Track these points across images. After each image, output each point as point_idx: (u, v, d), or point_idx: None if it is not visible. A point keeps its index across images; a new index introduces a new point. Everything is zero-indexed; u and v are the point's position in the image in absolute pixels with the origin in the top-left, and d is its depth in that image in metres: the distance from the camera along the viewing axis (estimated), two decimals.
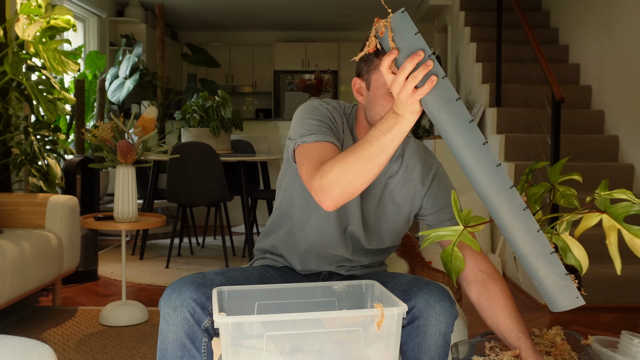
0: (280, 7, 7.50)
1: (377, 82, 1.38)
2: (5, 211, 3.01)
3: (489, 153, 1.05)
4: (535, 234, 1.04)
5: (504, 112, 4.53)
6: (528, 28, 3.86)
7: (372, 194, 1.53)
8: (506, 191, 1.04)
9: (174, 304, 1.27)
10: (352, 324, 1.16)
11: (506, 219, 1.05)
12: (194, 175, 4.01)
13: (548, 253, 1.05)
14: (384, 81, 1.35)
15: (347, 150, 1.19)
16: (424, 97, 1.05)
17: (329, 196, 1.20)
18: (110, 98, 5.80)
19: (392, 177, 1.54)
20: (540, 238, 1.05)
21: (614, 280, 3.26)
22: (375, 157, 1.15)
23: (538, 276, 1.07)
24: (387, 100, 1.38)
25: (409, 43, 1.03)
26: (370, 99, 1.41)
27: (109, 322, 2.83)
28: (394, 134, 1.13)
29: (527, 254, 1.06)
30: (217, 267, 4.09)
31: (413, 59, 1.03)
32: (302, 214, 1.53)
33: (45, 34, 3.29)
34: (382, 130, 1.14)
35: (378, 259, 1.63)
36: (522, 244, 1.06)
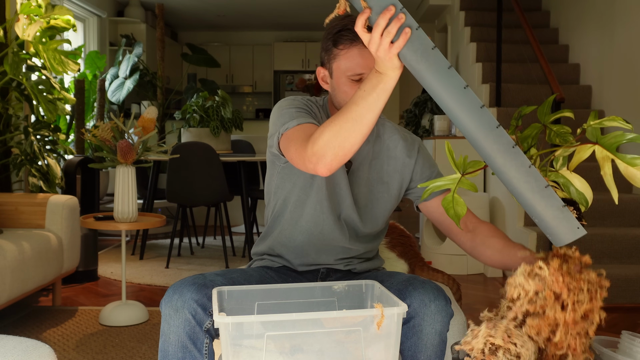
0: (280, 7, 7.50)
1: (337, 70, 1.44)
2: (5, 211, 3.01)
3: (472, 96, 1.04)
4: (527, 169, 1.03)
5: (504, 112, 4.53)
6: (528, 28, 3.86)
7: (359, 177, 1.56)
8: (493, 131, 1.04)
9: (175, 305, 1.28)
10: (352, 324, 1.16)
11: (497, 159, 1.04)
12: (194, 175, 4.01)
13: (542, 187, 1.03)
14: (345, 69, 1.42)
15: (335, 115, 1.21)
16: (401, 51, 1.07)
17: (322, 161, 1.21)
18: (110, 98, 5.80)
19: (375, 158, 1.58)
20: (532, 173, 1.04)
21: (614, 280, 3.26)
22: (362, 117, 1.16)
23: (537, 212, 1.05)
24: (349, 86, 1.43)
25: (380, 0, 1.04)
26: (334, 86, 1.48)
27: (109, 322, 2.83)
28: (379, 93, 1.14)
29: (523, 191, 1.05)
30: (217, 267, 4.10)
31: (385, 15, 1.04)
32: (295, 208, 1.55)
33: (45, 34, 3.29)
34: (367, 90, 1.15)
35: (373, 245, 1.65)
36: (516, 182, 1.05)
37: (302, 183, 1.54)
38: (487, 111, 1.04)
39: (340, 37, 1.42)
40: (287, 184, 1.55)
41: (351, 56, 1.41)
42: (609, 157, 1.06)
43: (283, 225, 1.58)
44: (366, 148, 1.57)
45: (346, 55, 1.42)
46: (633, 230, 3.58)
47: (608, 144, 1.06)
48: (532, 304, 1.04)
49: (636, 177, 1.04)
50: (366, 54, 1.40)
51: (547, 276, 1.04)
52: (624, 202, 3.74)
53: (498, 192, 4.27)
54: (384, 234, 1.67)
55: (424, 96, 5.30)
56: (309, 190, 1.53)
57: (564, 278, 1.03)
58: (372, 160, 1.57)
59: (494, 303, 3.55)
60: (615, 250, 3.48)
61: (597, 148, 1.07)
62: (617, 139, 1.05)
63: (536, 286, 1.04)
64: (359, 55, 1.41)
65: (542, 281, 1.05)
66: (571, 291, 1.03)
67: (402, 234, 2.45)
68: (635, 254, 3.47)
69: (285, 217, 1.57)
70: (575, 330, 1.03)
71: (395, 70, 1.11)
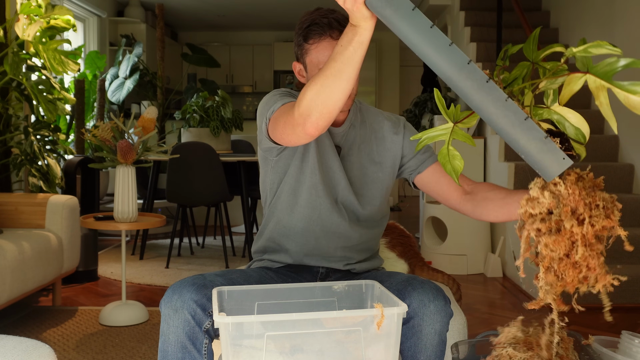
0: (280, 7, 7.50)
1: (310, 64, 1.49)
2: (5, 211, 3.01)
3: (439, 34, 1.04)
4: (504, 103, 1.00)
5: None
6: (528, 28, 3.86)
7: (351, 162, 1.59)
8: (465, 67, 1.02)
9: (174, 306, 1.28)
10: (352, 324, 1.16)
11: (474, 96, 1.02)
12: (194, 175, 4.01)
13: (522, 120, 1.00)
14: (316, 62, 1.45)
15: (316, 74, 1.21)
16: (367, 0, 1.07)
17: (309, 120, 1.21)
18: (110, 98, 5.80)
19: (363, 142, 1.61)
20: (510, 106, 1.00)
21: None
22: (342, 72, 1.16)
23: (520, 146, 1.02)
24: None
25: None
26: (309, 79, 1.49)
27: (109, 322, 2.83)
28: (355, 45, 1.14)
29: (503, 126, 1.02)
30: (217, 267, 4.10)
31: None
32: (289, 196, 1.56)
33: (45, 34, 3.29)
34: (344, 45, 1.15)
35: (373, 234, 1.65)
36: (495, 118, 1.02)
37: (294, 171, 1.55)
38: (457, 49, 1.03)
39: (309, 32, 1.46)
40: (280, 174, 1.58)
41: (321, 49, 1.45)
42: (605, 86, 0.96)
43: (279, 214, 1.58)
44: (352, 133, 1.60)
45: (317, 49, 1.46)
46: (633, 230, 3.57)
47: (602, 72, 0.96)
48: (546, 223, 0.99)
49: (639, 105, 0.94)
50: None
51: (563, 190, 0.99)
52: (624, 202, 3.73)
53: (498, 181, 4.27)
54: (383, 224, 1.67)
55: (424, 96, 5.30)
56: (302, 176, 1.55)
57: (580, 192, 0.98)
58: (360, 144, 1.60)
59: (494, 303, 3.56)
60: (615, 250, 3.46)
61: (589, 77, 0.97)
62: (612, 66, 0.95)
63: (550, 203, 0.99)
64: (328, 48, 1.44)
65: (556, 198, 1.00)
66: (587, 206, 0.99)
67: (402, 234, 2.46)
68: (635, 254, 3.47)
69: (281, 206, 1.58)
70: (593, 250, 0.98)
71: (367, 21, 1.11)
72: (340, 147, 1.59)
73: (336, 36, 1.44)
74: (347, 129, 1.60)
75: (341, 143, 1.59)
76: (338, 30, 1.44)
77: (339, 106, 1.20)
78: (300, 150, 1.55)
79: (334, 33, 1.44)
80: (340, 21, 1.45)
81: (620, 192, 3.99)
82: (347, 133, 1.60)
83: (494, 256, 4.02)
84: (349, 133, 1.60)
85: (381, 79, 8.97)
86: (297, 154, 1.55)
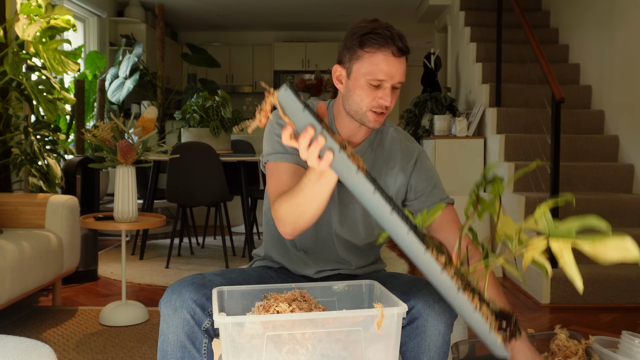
0: (280, 7, 7.50)
1: (357, 71, 1.40)
2: (5, 211, 3.01)
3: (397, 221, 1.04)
4: (455, 294, 1.04)
5: (504, 112, 4.53)
6: (528, 28, 3.86)
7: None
8: (421, 255, 1.04)
9: (173, 305, 1.28)
10: (352, 324, 1.16)
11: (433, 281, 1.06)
12: (194, 175, 4.01)
13: (471, 312, 1.05)
14: (365, 72, 1.39)
15: (291, 192, 1.24)
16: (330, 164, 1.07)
17: (282, 228, 1.31)
18: (110, 98, 5.80)
19: (374, 167, 1.54)
20: (459, 299, 1.04)
21: (614, 280, 3.26)
22: (310, 203, 1.21)
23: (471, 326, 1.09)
24: (365, 90, 1.40)
25: (298, 119, 1.04)
26: (349, 87, 1.44)
27: (109, 322, 2.83)
28: (323, 185, 1.16)
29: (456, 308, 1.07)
30: (217, 267, 4.10)
31: (305, 136, 1.05)
32: None
33: (45, 34, 3.29)
34: (312, 180, 1.17)
35: (372, 252, 1.64)
36: (451, 301, 1.07)
37: None
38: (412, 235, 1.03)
39: (367, 39, 1.38)
40: None
41: (375, 61, 1.37)
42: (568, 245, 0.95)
43: (280, 240, 1.58)
44: (367, 156, 1.54)
45: (371, 59, 1.38)
46: (633, 230, 3.57)
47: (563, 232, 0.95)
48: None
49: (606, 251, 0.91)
50: (391, 62, 1.37)
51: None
52: (624, 202, 3.74)
53: None
54: (382, 244, 1.67)
55: (424, 96, 5.30)
56: None
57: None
58: (371, 169, 1.54)
59: None
60: None
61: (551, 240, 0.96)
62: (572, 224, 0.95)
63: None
64: (383, 62, 1.37)
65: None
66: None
67: None
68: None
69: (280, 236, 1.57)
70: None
71: (333, 175, 1.13)
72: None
73: (395, 52, 1.37)
74: (364, 151, 1.53)
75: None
76: (398, 48, 1.37)
77: (313, 220, 1.25)
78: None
79: (394, 49, 1.37)
80: (402, 39, 1.38)
81: (620, 192, 3.98)
82: (362, 154, 1.53)
83: None
84: (363, 155, 1.53)
85: None
86: None
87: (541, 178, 3.84)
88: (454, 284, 1.03)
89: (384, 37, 1.37)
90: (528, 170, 1.08)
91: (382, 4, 7.15)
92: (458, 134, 4.70)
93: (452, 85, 6.21)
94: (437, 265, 1.03)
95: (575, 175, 4.04)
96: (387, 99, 1.39)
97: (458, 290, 1.04)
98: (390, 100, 1.39)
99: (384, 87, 1.38)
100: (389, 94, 1.39)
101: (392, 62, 1.37)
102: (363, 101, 1.40)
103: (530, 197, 3.76)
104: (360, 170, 1.04)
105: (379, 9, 7.35)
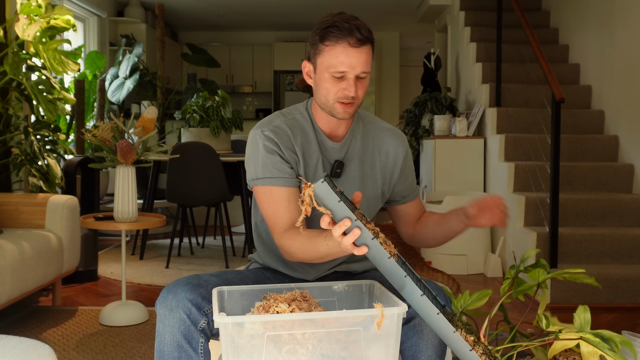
0: (280, 7, 7.50)
1: (321, 65, 1.44)
2: (5, 211, 3.01)
3: (428, 303, 1.14)
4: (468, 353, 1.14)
5: (504, 112, 4.53)
6: (528, 28, 3.86)
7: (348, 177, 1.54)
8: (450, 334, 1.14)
9: (169, 305, 1.28)
10: (352, 324, 1.16)
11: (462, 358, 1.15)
12: (194, 175, 4.01)
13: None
14: (327, 65, 1.42)
15: (307, 242, 1.30)
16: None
17: (289, 258, 1.40)
18: (110, 98, 5.80)
19: (366, 155, 1.57)
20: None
21: (614, 280, 3.26)
22: (325, 258, 1.29)
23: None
24: (330, 83, 1.43)
25: (336, 209, 1.12)
26: (317, 81, 1.47)
27: (109, 322, 2.83)
28: (339, 253, 1.23)
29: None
30: (217, 267, 4.10)
31: (341, 226, 1.11)
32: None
33: (45, 34, 3.29)
34: (329, 246, 1.23)
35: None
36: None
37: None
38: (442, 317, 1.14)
39: (327, 33, 1.41)
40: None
41: (335, 53, 1.41)
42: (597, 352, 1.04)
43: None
44: (351, 146, 1.55)
45: (331, 52, 1.41)
46: (633, 230, 3.57)
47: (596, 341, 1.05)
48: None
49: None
50: (350, 53, 1.39)
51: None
52: (624, 202, 3.74)
53: (498, 192, 4.27)
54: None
55: (424, 96, 5.30)
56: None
57: None
58: (361, 159, 1.56)
59: (493, 303, 3.55)
60: (615, 250, 3.47)
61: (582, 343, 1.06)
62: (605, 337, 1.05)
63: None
64: (342, 53, 1.40)
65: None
66: None
67: None
68: (635, 254, 3.47)
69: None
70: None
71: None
72: (343, 162, 1.53)
73: (354, 43, 1.39)
74: (349, 142, 1.55)
75: (342, 157, 1.54)
76: (357, 38, 1.38)
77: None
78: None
79: (352, 40, 1.38)
80: (361, 29, 1.39)
81: (620, 192, 3.98)
82: (348, 146, 1.55)
83: (494, 256, 4.02)
84: (350, 147, 1.55)
85: (381, 79, 8.97)
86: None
87: (541, 178, 3.84)
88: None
89: (342, 29, 1.39)
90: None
91: (382, 4, 7.14)
92: (458, 134, 4.70)
93: (452, 85, 6.21)
94: (466, 344, 1.11)
95: (575, 175, 4.04)
96: (351, 90, 1.41)
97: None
98: (354, 90, 1.42)
99: (347, 78, 1.41)
100: (353, 84, 1.41)
101: (351, 52, 1.39)
102: (329, 94, 1.44)
103: (530, 197, 3.76)
104: (392, 257, 1.13)
105: (379, 9, 7.35)
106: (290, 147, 1.47)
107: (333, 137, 1.53)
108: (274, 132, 1.47)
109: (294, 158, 1.47)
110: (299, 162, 1.48)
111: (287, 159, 1.46)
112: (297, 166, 1.48)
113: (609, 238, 3.48)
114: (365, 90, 1.46)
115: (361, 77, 1.42)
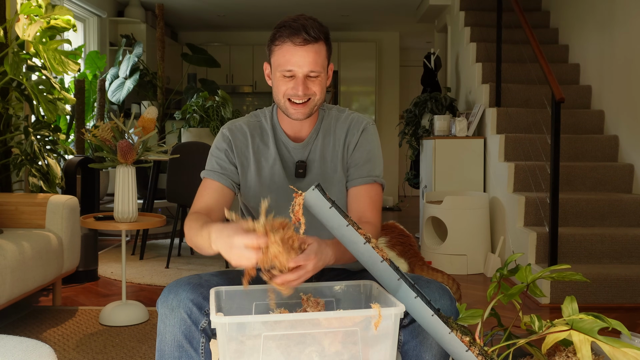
0: (280, 7, 7.50)
1: (274, 65, 1.48)
2: (5, 211, 3.01)
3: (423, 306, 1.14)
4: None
5: (504, 112, 4.53)
6: (528, 28, 3.86)
7: (312, 176, 1.54)
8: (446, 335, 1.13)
9: (170, 305, 1.28)
10: (351, 324, 1.16)
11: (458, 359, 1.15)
12: (194, 175, 4.00)
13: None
14: (277, 64, 1.45)
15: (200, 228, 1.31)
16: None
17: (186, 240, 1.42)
18: (110, 98, 5.80)
19: (327, 151, 1.55)
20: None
21: (614, 280, 3.27)
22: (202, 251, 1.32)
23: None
24: (281, 82, 1.45)
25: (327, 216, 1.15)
26: (273, 82, 1.50)
27: (109, 322, 2.83)
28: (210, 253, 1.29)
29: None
30: (217, 267, 4.10)
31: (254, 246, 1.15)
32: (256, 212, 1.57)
33: (46, 34, 3.29)
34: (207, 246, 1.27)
35: None
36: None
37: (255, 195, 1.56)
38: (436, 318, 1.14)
39: (276, 33, 1.45)
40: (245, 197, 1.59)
41: (282, 52, 1.43)
42: (588, 339, 1.04)
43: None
44: (314, 145, 1.55)
45: (279, 52, 1.44)
46: (633, 230, 3.58)
47: (587, 329, 1.05)
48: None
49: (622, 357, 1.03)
50: (296, 52, 1.41)
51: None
52: (624, 202, 3.74)
53: (498, 192, 4.27)
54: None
55: (424, 96, 5.30)
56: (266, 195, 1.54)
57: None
58: (321, 158, 1.55)
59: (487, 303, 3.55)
60: (615, 250, 3.47)
61: (573, 332, 1.06)
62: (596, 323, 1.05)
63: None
64: (288, 52, 1.42)
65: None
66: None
67: (402, 233, 2.46)
68: (635, 254, 3.47)
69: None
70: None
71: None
72: (305, 162, 1.54)
73: (299, 42, 1.40)
74: (312, 142, 1.55)
75: (305, 157, 1.54)
76: (303, 38, 1.40)
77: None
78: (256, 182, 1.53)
79: (297, 39, 1.40)
80: (308, 28, 1.40)
81: (620, 192, 3.98)
82: (311, 146, 1.55)
83: (493, 256, 4.02)
84: (312, 146, 1.55)
85: (381, 79, 8.96)
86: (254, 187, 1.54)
87: (541, 178, 3.84)
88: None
89: (290, 28, 1.42)
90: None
91: (382, 4, 7.14)
92: (458, 134, 4.71)
93: (452, 85, 6.21)
94: (462, 345, 1.11)
95: (575, 175, 4.04)
96: (298, 89, 1.43)
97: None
98: (302, 89, 1.43)
99: (296, 76, 1.43)
100: (300, 83, 1.43)
101: (297, 51, 1.42)
102: (280, 93, 1.46)
103: (530, 197, 3.76)
104: (385, 261, 1.15)
105: (379, 9, 7.35)
106: (243, 147, 1.53)
107: (296, 138, 1.55)
108: (231, 132, 1.55)
109: (242, 160, 1.52)
110: (250, 164, 1.52)
111: (231, 160, 1.52)
112: (244, 168, 1.53)
113: (609, 238, 3.48)
114: (323, 90, 1.47)
115: (311, 76, 1.44)
